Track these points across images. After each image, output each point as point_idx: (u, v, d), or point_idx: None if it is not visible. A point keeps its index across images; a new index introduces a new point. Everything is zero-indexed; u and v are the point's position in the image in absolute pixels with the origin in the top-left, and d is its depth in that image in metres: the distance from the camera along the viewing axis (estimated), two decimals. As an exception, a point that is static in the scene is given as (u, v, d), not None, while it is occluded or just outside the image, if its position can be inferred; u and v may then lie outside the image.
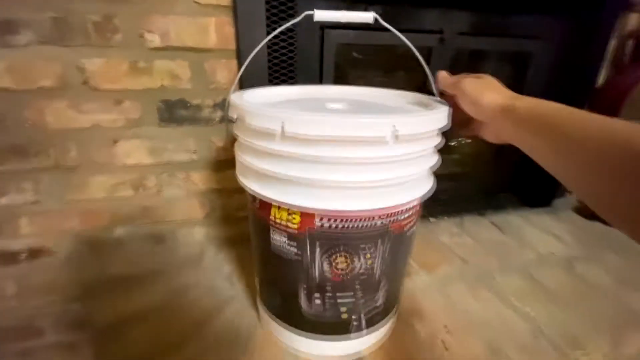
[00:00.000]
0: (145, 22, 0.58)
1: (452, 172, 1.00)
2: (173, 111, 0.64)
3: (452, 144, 1.03)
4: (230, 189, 0.74)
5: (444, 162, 0.99)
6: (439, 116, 0.38)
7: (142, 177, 0.68)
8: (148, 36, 0.59)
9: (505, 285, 0.66)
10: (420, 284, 0.66)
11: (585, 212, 0.96)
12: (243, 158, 0.41)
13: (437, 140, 0.41)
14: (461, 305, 0.61)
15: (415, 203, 0.42)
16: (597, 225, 0.91)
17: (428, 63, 0.75)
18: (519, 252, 0.78)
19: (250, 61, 0.62)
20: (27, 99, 0.58)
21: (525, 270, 0.71)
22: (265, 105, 0.40)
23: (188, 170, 0.70)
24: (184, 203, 0.73)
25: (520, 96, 0.35)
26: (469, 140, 1.02)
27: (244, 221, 0.79)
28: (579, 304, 0.63)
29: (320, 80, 0.71)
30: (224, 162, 0.71)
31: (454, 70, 0.54)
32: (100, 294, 0.64)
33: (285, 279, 0.44)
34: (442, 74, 0.45)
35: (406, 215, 0.41)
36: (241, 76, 0.63)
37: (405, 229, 0.43)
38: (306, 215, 0.38)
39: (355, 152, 0.34)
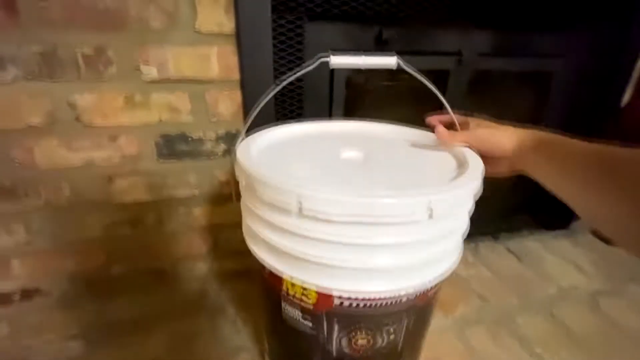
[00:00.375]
0: (140, 54, 0.53)
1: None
2: (173, 146, 0.60)
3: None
4: (233, 223, 0.69)
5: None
6: (476, 182, 0.34)
7: (141, 214, 0.64)
8: (144, 68, 0.54)
9: (527, 329, 0.62)
10: (437, 327, 0.62)
11: (605, 236, 0.91)
12: (251, 224, 0.37)
13: (471, 203, 0.36)
14: (483, 354, 0.57)
15: (446, 275, 0.37)
16: (617, 251, 0.86)
17: (445, 86, 0.71)
18: (539, 286, 0.74)
19: (255, 91, 0.58)
20: (15, 137, 0.53)
21: (547, 308, 0.67)
22: (274, 150, 0.35)
23: (189, 206, 0.66)
24: (186, 238, 0.69)
25: (524, 130, 0.40)
26: None
27: (248, 254, 0.75)
28: (607, 350, 0.59)
29: (329, 109, 0.66)
30: (228, 196, 0.67)
31: (472, 94, 0.50)
32: (98, 338, 0.61)
33: (298, 352, 0.40)
34: (441, 132, 0.41)
35: (434, 287, 0.37)
36: (247, 108, 0.59)
37: (431, 299, 0.38)
38: (323, 295, 0.34)
39: (381, 233, 0.30)
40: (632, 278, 0.77)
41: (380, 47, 0.64)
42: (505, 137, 0.39)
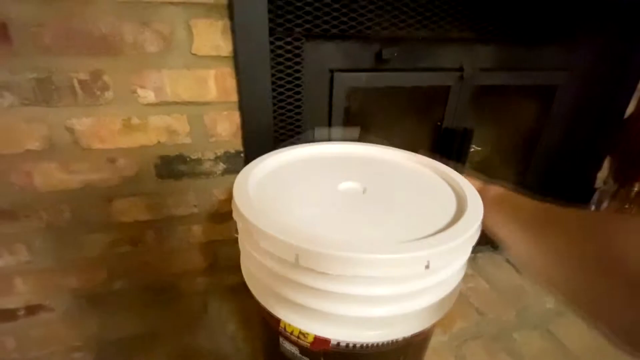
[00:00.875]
0: (137, 78, 0.52)
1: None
2: (171, 167, 0.60)
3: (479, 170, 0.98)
4: (233, 239, 0.70)
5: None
6: (473, 229, 0.33)
7: (141, 233, 0.64)
8: (141, 92, 0.53)
9: (524, 346, 0.63)
10: (435, 344, 0.63)
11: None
12: (250, 265, 0.37)
13: (468, 252, 0.36)
14: (479, 373, 0.58)
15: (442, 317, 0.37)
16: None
17: (445, 103, 0.70)
18: (536, 300, 0.74)
19: (254, 112, 0.58)
20: (14, 162, 0.53)
21: (543, 324, 0.68)
22: (271, 181, 0.35)
23: (189, 224, 0.66)
24: (185, 255, 0.69)
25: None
26: (479, 148, 0.96)
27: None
28: (603, 369, 0.60)
29: (329, 122, 0.65)
30: (227, 214, 0.67)
31: (473, 108, 0.48)
32: (101, 353, 0.62)
33: (296, 384, 0.41)
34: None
35: (431, 327, 0.37)
36: (246, 129, 0.59)
37: (428, 335, 0.39)
38: (321, 337, 0.34)
39: (379, 285, 0.30)
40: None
41: (380, 65, 0.63)
42: (488, 220, 0.35)
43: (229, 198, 0.65)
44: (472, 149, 1.00)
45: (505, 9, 0.63)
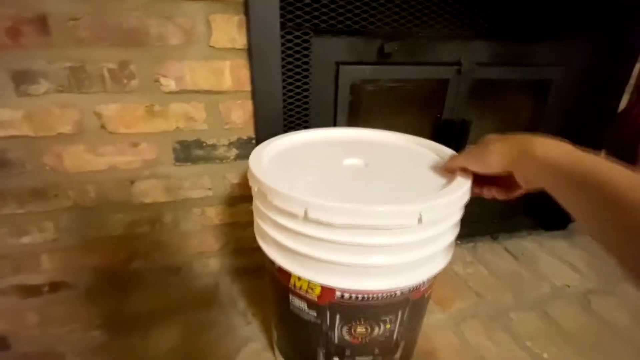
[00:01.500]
0: (160, 68, 0.58)
1: (466, 195, 0.99)
2: (189, 151, 0.65)
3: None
4: (244, 222, 0.74)
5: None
6: (463, 193, 0.37)
7: (159, 214, 0.69)
8: (163, 81, 0.58)
9: (520, 325, 0.66)
10: (434, 322, 0.66)
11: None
12: (263, 225, 0.41)
13: (461, 212, 0.40)
14: (476, 347, 0.61)
15: (436, 274, 0.41)
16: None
17: (444, 95, 0.74)
18: (534, 284, 0.77)
19: (265, 101, 0.63)
20: (46, 144, 0.59)
21: (540, 306, 0.71)
22: (283, 157, 0.40)
23: (203, 206, 0.71)
24: (200, 237, 0.74)
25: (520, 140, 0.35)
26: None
27: (258, 251, 0.79)
28: (595, 346, 0.62)
29: (334, 116, 0.70)
30: (239, 198, 0.71)
31: (471, 101, 0.51)
32: (120, 329, 0.66)
33: (303, 339, 0.45)
34: (445, 165, 0.44)
35: (427, 284, 0.41)
36: (258, 117, 0.64)
37: (424, 294, 0.43)
38: (327, 289, 0.38)
39: (379, 237, 0.34)
40: (625, 278, 0.80)
41: (382, 59, 0.68)
42: (494, 153, 0.35)
43: (241, 182, 0.70)
44: None
45: (501, 6, 0.68)
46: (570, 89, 0.82)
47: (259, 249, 0.79)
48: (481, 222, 0.98)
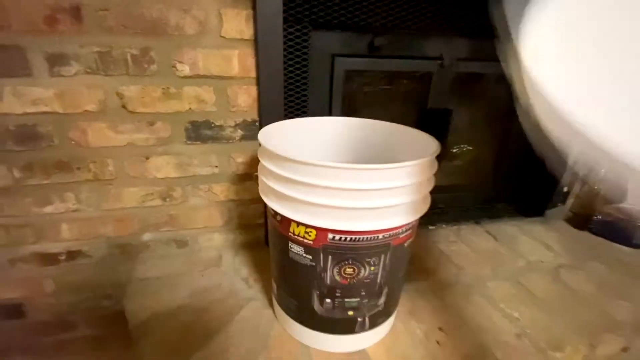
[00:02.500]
0: (177, 54, 0.65)
1: (451, 184, 1.06)
2: (199, 131, 0.72)
3: (464, 153, 1.10)
4: (247, 199, 0.82)
5: (444, 174, 1.06)
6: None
7: (170, 188, 0.76)
8: (179, 66, 0.66)
9: (495, 291, 0.73)
10: (419, 288, 0.73)
11: (576, 222, 1.02)
12: (267, 181, 0.48)
13: (434, 168, 0.48)
14: (455, 308, 0.68)
15: (413, 222, 0.49)
16: (586, 235, 0.97)
17: (428, 87, 0.82)
18: (510, 260, 0.85)
19: (268, 89, 0.70)
20: (73, 121, 0.66)
21: (514, 277, 0.78)
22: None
23: (210, 183, 0.78)
24: (206, 212, 0.80)
25: None
26: (470, 148, 1.08)
27: (259, 228, 0.86)
28: (562, 309, 0.69)
29: (330, 102, 0.78)
30: (243, 176, 0.79)
31: (453, 93, 0.57)
32: (130, 292, 0.72)
33: (300, 283, 0.52)
34: None
35: (405, 231, 0.49)
36: (261, 101, 0.71)
37: (403, 242, 0.50)
38: (321, 232, 0.45)
39: (363, 184, 0.41)
40: (594, 256, 0.88)
41: (373, 52, 0.76)
42: None
43: (245, 162, 0.77)
44: (465, 148, 1.12)
45: (479, 8, 0.76)
46: (543, 85, 0.91)
47: (258, 226, 0.87)
48: (466, 209, 1.06)
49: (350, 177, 0.41)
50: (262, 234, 0.86)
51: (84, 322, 0.87)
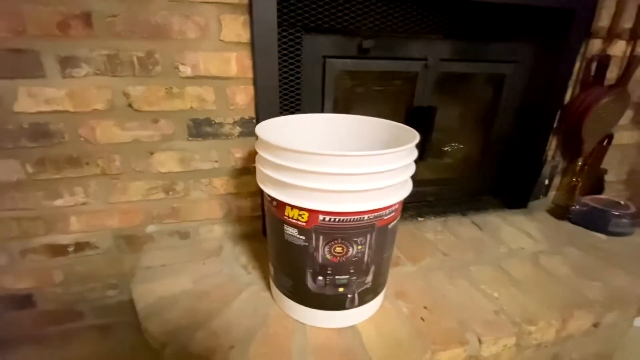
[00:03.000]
0: (179, 57, 0.71)
1: (440, 178, 1.12)
2: (200, 128, 0.77)
3: (451, 149, 1.15)
4: (245, 192, 0.87)
5: (433, 168, 1.12)
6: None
7: (173, 182, 0.81)
8: (181, 67, 0.71)
9: (477, 274, 0.79)
10: (406, 272, 0.79)
11: (556, 212, 1.08)
12: (263, 169, 0.54)
13: (414, 155, 0.53)
14: (439, 289, 0.74)
15: (395, 205, 0.54)
16: (566, 224, 1.03)
17: (414, 86, 0.88)
18: (493, 247, 0.90)
19: (265, 88, 0.76)
20: (82, 119, 0.71)
21: (496, 262, 0.84)
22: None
23: (211, 177, 0.83)
24: (206, 204, 0.85)
25: None
26: (466, 145, 1.14)
27: (257, 220, 0.92)
28: (538, 289, 0.75)
29: (322, 101, 0.83)
30: (242, 170, 0.84)
31: (438, 91, 0.63)
32: (137, 279, 0.76)
33: (295, 263, 0.57)
34: None
35: (388, 213, 0.54)
36: (258, 100, 0.77)
37: (388, 224, 0.55)
38: (312, 214, 0.51)
39: (349, 169, 0.47)
40: (572, 243, 0.93)
41: (361, 53, 0.82)
42: None
43: (244, 157, 0.83)
44: (455, 146, 1.18)
45: (460, 12, 0.83)
46: (521, 83, 0.98)
47: (256, 218, 0.92)
48: (453, 201, 1.12)
49: (337, 163, 0.47)
50: (260, 225, 0.91)
51: (91, 312, 0.91)
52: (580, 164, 1.09)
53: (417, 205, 1.07)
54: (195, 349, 0.58)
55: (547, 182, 1.12)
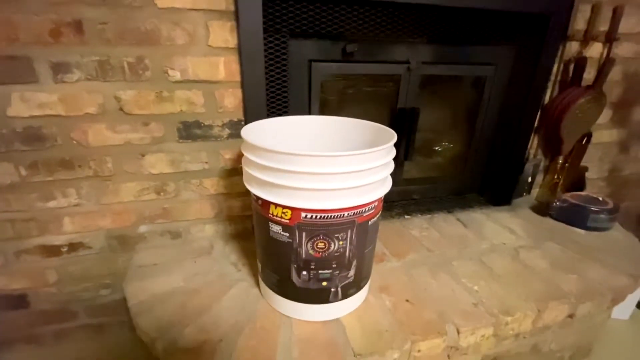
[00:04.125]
0: (168, 62, 0.73)
1: (426, 177, 1.15)
2: (189, 130, 0.80)
3: (436, 148, 1.19)
4: (235, 193, 0.89)
5: (419, 168, 1.15)
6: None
7: (164, 183, 0.83)
8: (171, 72, 0.74)
9: (459, 269, 0.82)
10: (390, 267, 0.81)
11: (539, 209, 1.12)
12: (249, 170, 0.56)
13: (392, 154, 0.56)
14: (422, 283, 0.77)
15: (375, 202, 0.57)
16: (547, 220, 1.07)
17: (397, 88, 0.91)
18: (476, 243, 0.94)
19: (252, 91, 0.78)
20: (74, 122, 0.73)
21: (478, 257, 0.87)
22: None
23: (201, 178, 0.85)
24: (197, 205, 0.88)
25: None
26: (451, 145, 1.17)
27: (247, 220, 0.94)
28: (516, 282, 0.78)
29: (309, 104, 0.86)
30: (231, 171, 0.86)
31: (421, 94, 0.65)
32: (129, 277, 0.78)
33: (280, 259, 0.59)
34: None
35: (368, 210, 0.57)
36: (246, 102, 0.79)
37: (368, 220, 0.58)
38: (295, 212, 0.53)
39: (327, 169, 0.50)
40: (551, 238, 0.97)
41: (346, 57, 0.85)
42: None
43: (233, 157, 0.85)
44: (443, 146, 1.22)
45: (440, 17, 0.86)
46: (501, 85, 1.01)
47: (246, 217, 0.94)
48: (439, 199, 1.15)
49: (317, 163, 0.49)
50: (250, 224, 0.94)
51: (84, 311, 0.93)
52: (561, 162, 1.12)
53: (403, 203, 1.10)
54: (185, 343, 0.60)
55: (529, 179, 1.16)
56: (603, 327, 0.97)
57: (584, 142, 1.13)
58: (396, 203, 1.10)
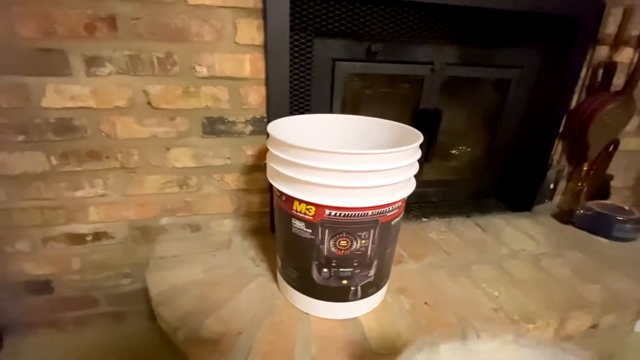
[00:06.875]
0: (196, 58, 0.74)
1: (445, 179, 1.14)
2: (214, 126, 0.81)
3: (455, 151, 1.17)
4: (255, 189, 0.90)
5: (438, 170, 1.15)
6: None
7: (186, 177, 0.85)
8: (198, 68, 0.75)
9: (479, 274, 0.81)
10: (409, 269, 0.81)
11: (561, 217, 1.09)
12: (274, 165, 0.57)
13: (417, 155, 0.56)
14: (440, 286, 0.76)
15: (399, 202, 0.57)
16: (570, 228, 1.04)
17: (420, 89, 0.91)
18: (495, 248, 0.92)
19: (276, 89, 0.79)
20: (104, 115, 0.75)
21: (498, 262, 0.86)
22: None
23: (222, 173, 0.86)
24: (218, 199, 0.89)
25: None
26: (471, 148, 1.16)
27: (265, 216, 0.95)
28: (538, 289, 0.77)
29: (331, 102, 0.86)
30: (252, 167, 0.87)
31: (444, 95, 0.65)
32: (151, 267, 0.80)
33: (301, 255, 0.60)
34: None
35: (392, 210, 0.57)
36: (270, 100, 0.80)
37: (391, 220, 0.58)
38: (319, 209, 0.54)
39: (354, 167, 0.50)
40: (574, 246, 0.95)
41: (370, 57, 0.85)
42: None
43: (254, 154, 0.86)
44: (462, 149, 1.20)
45: (466, 18, 0.85)
46: (527, 88, 0.99)
47: (264, 213, 0.95)
48: (457, 203, 1.14)
49: (344, 160, 0.49)
50: (268, 221, 0.95)
51: (105, 299, 0.95)
52: (585, 169, 1.10)
53: (421, 205, 1.09)
54: (205, 333, 0.61)
55: (552, 186, 1.14)
56: (625, 340, 0.94)
57: (610, 149, 1.10)
58: (414, 205, 1.09)
